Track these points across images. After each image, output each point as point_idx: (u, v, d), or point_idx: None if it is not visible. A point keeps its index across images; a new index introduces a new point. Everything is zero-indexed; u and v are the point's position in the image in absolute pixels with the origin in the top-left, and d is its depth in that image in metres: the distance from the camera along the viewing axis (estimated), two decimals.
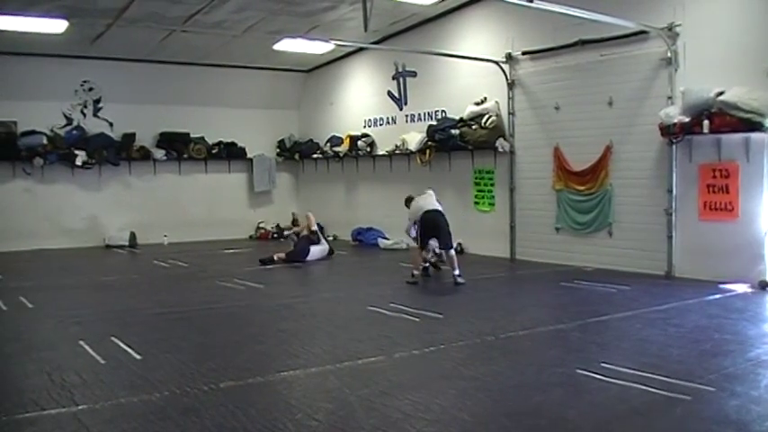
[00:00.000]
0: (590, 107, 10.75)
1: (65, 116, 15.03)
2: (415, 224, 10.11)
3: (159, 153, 15.86)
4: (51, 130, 14.75)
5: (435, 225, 9.75)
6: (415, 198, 10.48)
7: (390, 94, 14.92)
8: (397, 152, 14.34)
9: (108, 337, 6.68)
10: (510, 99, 12.11)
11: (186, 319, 7.77)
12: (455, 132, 12.76)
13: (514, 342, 6.47)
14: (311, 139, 17.11)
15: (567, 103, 11.14)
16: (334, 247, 13.52)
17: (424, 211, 9.89)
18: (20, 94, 14.20)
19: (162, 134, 15.98)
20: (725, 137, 9.04)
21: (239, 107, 16.84)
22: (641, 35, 9.90)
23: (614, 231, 10.60)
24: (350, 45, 14.03)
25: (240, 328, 7.29)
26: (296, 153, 17.30)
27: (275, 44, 12.96)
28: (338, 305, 8.64)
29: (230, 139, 16.82)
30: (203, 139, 16.49)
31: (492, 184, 12.65)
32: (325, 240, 13.27)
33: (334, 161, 16.38)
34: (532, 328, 6.99)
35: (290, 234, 13.38)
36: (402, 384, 5.18)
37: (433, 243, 10.07)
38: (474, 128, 12.46)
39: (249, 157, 17.09)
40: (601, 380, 5.19)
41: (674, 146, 9.63)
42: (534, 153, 11.75)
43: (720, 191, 9.24)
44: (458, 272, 9.57)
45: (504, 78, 12.07)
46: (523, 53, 11.79)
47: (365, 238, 15.04)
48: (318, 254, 12.65)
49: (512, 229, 12.22)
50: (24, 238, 14.27)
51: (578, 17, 9.03)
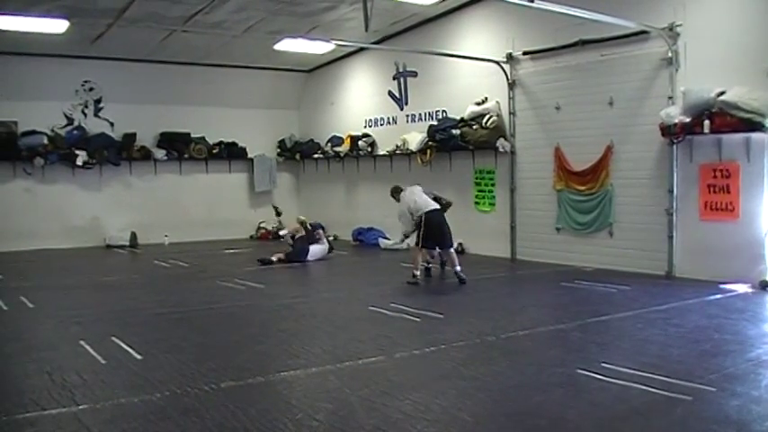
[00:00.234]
0: (591, 107, 10.75)
1: (65, 116, 15.04)
2: (413, 216, 9.89)
3: (160, 153, 15.87)
4: (52, 130, 14.76)
5: (441, 232, 9.73)
6: (406, 190, 10.22)
7: (391, 94, 14.92)
8: (397, 152, 14.35)
9: (108, 337, 6.69)
10: (511, 99, 12.11)
11: (187, 319, 7.77)
12: (456, 132, 12.76)
13: (515, 342, 6.47)
14: (312, 139, 17.12)
15: (568, 103, 11.14)
16: (335, 246, 13.52)
17: (427, 210, 9.75)
18: (20, 94, 14.21)
19: (162, 134, 15.99)
20: (725, 137, 9.04)
21: (240, 107, 16.84)
22: (642, 35, 9.90)
23: (615, 231, 10.60)
24: (350, 45, 14.03)
25: (241, 328, 7.29)
26: (297, 153, 17.31)
27: (276, 44, 12.96)
28: (339, 305, 8.64)
29: (231, 139, 16.83)
30: (204, 139, 16.50)
31: (493, 184, 12.65)
32: (326, 240, 13.26)
33: (334, 161, 16.38)
34: (533, 328, 6.99)
35: (285, 235, 13.30)
36: (402, 384, 5.18)
37: (433, 251, 10.18)
38: (475, 128, 12.46)
39: (250, 157, 17.11)
40: (601, 380, 5.19)
41: (674, 146, 9.63)
42: (535, 153, 11.76)
43: (721, 191, 9.24)
44: (459, 268, 9.70)
45: (505, 78, 12.07)
46: (524, 53, 11.79)
47: (366, 238, 15.04)
48: (319, 253, 12.65)
49: (512, 229, 12.22)
50: (25, 238, 14.28)
51: (579, 17, 9.02)
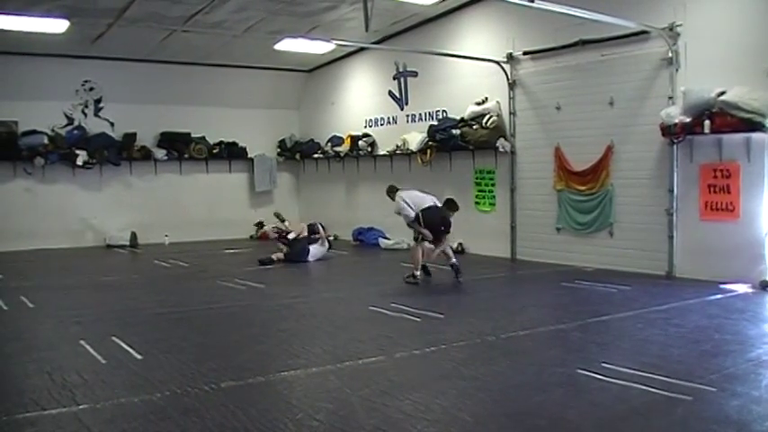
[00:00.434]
0: (591, 107, 10.75)
1: (66, 116, 15.04)
2: (409, 204, 9.94)
3: (160, 153, 15.86)
4: (52, 130, 14.75)
5: (440, 217, 9.84)
6: (401, 191, 10.30)
7: (391, 93, 14.91)
8: (398, 152, 14.35)
9: (109, 336, 6.69)
10: (511, 99, 12.10)
11: (187, 318, 7.78)
12: (456, 132, 12.75)
13: (515, 342, 6.47)
14: (312, 139, 17.11)
15: (568, 103, 11.14)
16: (335, 246, 13.51)
17: (424, 208, 9.85)
18: (21, 94, 14.19)
19: (163, 134, 15.99)
20: (726, 137, 9.04)
21: (240, 107, 16.83)
22: (642, 35, 9.90)
23: (615, 231, 10.60)
24: (351, 45, 14.03)
25: (241, 327, 7.29)
26: (297, 153, 17.31)
27: (276, 44, 12.95)
28: (339, 305, 8.64)
29: (231, 139, 16.82)
30: (204, 138, 16.50)
31: (493, 184, 12.65)
32: (327, 240, 13.26)
33: (335, 161, 16.37)
34: (533, 328, 6.99)
35: (279, 235, 13.22)
36: (403, 384, 5.18)
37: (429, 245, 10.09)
38: (475, 128, 12.46)
39: (250, 156, 17.10)
40: (601, 380, 5.19)
41: (674, 146, 9.63)
42: (535, 153, 11.75)
43: (721, 191, 9.24)
44: (455, 260, 9.85)
45: (505, 78, 12.07)
46: (524, 53, 11.78)
47: (366, 238, 15.03)
48: (319, 253, 12.65)
49: (512, 229, 12.22)
50: (25, 238, 14.28)
51: (579, 17, 9.02)
